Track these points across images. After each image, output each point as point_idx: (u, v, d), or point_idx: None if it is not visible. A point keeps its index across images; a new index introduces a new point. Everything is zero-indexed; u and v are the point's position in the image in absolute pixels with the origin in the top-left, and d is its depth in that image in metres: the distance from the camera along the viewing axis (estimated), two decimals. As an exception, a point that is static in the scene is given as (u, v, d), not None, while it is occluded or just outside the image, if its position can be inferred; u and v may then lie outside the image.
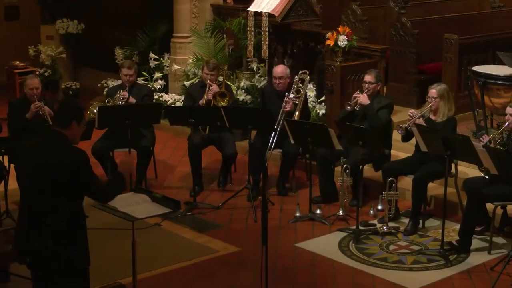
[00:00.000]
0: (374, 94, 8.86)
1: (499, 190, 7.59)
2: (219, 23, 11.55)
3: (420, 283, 7.12)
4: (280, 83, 9.23)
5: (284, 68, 9.38)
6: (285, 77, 9.25)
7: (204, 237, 8.12)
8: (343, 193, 8.59)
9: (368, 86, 8.83)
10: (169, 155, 10.65)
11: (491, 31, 11.47)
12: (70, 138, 5.27)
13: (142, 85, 10.27)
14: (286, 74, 9.27)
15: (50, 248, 5.13)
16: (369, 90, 8.82)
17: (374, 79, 8.83)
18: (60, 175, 5.12)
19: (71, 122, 5.27)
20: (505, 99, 9.29)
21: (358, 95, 8.85)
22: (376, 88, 8.87)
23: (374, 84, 8.83)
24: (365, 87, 8.86)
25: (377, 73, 8.96)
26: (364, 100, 8.78)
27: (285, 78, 9.24)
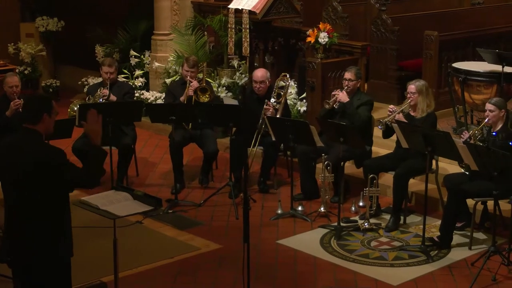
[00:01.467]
0: (354, 91, 8.88)
1: (479, 186, 7.63)
2: (199, 20, 11.53)
3: (402, 279, 7.15)
4: (261, 87, 9.22)
5: (264, 72, 9.35)
6: (266, 81, 9.24)
7: (185, 235, 8.12)
8: (324, 190, 8.61)
9: (348, 83, 8.85)
10: (150, 153, 10.63)
11: (471, 28, 11.52)
12: (43, 132, 5.20)
13: (123, 83, 10.23)
14: (266, 78, 9.25)
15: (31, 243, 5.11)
16: (349, 87, 8.84)
17: (354, 76, 8.85)
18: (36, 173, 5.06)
19: (42, 115, 5.18)
20: (485, 95, 9.34)
21: (337, 93, 8.86)
22: (356, 85, 8.89)
23: (354, 81, 8.85)
24: (345, 84, 8.88)
25: (357, 70, 8.98)
26: (343, 97, 8.80)
27: (265, 82, 9.23)
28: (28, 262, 5.18)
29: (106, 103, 9.09)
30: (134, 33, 12.62)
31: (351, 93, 8.85)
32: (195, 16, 11.75)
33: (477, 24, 11.86)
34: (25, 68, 13.22)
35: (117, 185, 6.81)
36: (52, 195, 5.14)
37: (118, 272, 6.07)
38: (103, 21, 13.13)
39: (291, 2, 10.85)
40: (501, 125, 7.74)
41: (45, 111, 5.21)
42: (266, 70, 9.53)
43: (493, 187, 7.20)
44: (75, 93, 12.72)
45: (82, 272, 6.05)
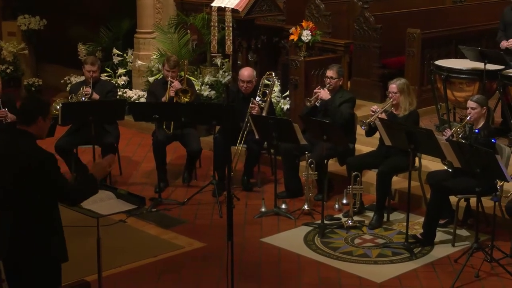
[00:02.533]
0: (337, 89, 8.90)
1: (462, 183, 7.66)
2: (182, 19, 11.50)
3: (385, 276, 7.17)
4: (248, 87, 9.21)
5: (251, 71, 9.34)
6: (253, 80, 9.23)
7: (169, 233, 8.10)
8: (308, 187, 8.62)
9: (330, 81, 8.87)
10: (133, 151, 10.61)
11: (453, 26, 11.57)
12: (36, 134, 5.19)
13: (105, 81, 10.21)
14: (253, 78, 9.25)
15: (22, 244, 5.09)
16: (331, 85, 8.86)
17: (336, 74, 8.87)
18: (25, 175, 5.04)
19: (37, 117, 5.17)
20: (467, 92, 9.38)
21: (319, 90, 8.88)
22: (338, 83, 8.90)
23: (336, 79, 8.87)
24: (327, 82, 8.90)
25: (339, 68, 8.99)
26: (324, 95, 8.82)
27: (252, 82, 9.23)
28: (19, 262, 5.16)
29: (89, 102, 9.06)
30: (117, 32, 12.58)
31: (333, 91, 8.87)
32: (178, 14, 11.72)
33: (459, 22, 11.91)
34: (7, 67, 13.16)
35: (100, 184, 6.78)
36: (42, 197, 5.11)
37: (102, 271, 6.06)
38: (86, 19, 13.08)
39: (274, 0, 10.85)
40: (483, 122, 7.78)
41: (40, 114, 5.19)
42: (252, 69, 9.52)
43: (475, 184, 7.24)
44: (58, 92, 12.66)
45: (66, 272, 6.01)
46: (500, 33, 9.94)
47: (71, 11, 13.45)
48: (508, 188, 7.48)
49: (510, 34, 9.77)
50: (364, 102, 10.75)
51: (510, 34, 9.77)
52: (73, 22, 13.31)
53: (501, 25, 10.01)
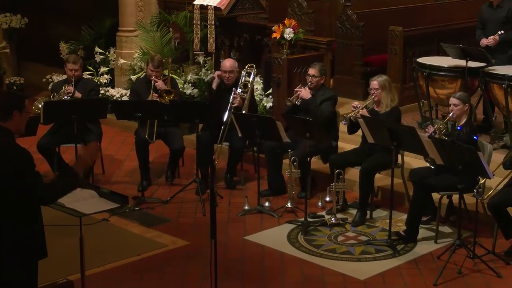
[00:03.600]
0: (318, 87, 8.91)
1: (444, 180, 7.69)
2: (165, 17, 11.49)
3: (369, 273, 7.19)
4: (230, 76, 9.23)
5: (232, 62, 9.39)
6: (234, 71, 9.26)
7: (152, 232, 8.09)
8: (291, 185, 8.63)
9: (312, 79, 8.88)
10: (116, 150, 10.58)
11: (435, 23, 11.61)
12: (13, 130, 5.11)
13: (87, 80, 10.17)
14: (235, 68, 9.28)
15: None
16: (313, 84, 8.87)
17: (318, 73, 8.88)
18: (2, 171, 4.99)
19: (13, 112, 5.03)
20: (449, 90, 9.41)
21: (299, 89, 8.89)
22: (320, 81, 8.92)
23: (317, 78, 8.88)
24: (309, 80, 8.92)
25: (321, 67, 9.00)
26: (305, 94, 8.83)
27: (234, 72, 9.25)
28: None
29: (71, 100, 9.03)
30: (99, 30, 12.55)
31: (314, 89, 8.88)
32: (160, 13, 11.70)
33: (441, 19, 11.95)
34: (-11, 66, 13.10)
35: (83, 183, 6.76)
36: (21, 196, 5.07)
37: (85, 270, 6.05)
38: (67, 18, 13.03)
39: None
40: (466, 119, 7.80)
41: (15, 108, 5.05)
42: (233, 60, 9.58)
43: (458, 181, 7.27)
44: (40, 91, 12.61)
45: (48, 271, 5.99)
46: (479, 31, 9.97)
47: (53, 10, 13.40)
48: (490, 185, 7.50)
49: (489, 31, 9.80)
50: (347, 99, 10.76)
51: (489, 31, 9.80)
52: (54, 20, 13.26)
53: (478, 23, 10.04)
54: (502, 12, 9.78)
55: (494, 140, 9.26)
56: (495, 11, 9.82)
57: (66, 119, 8.73)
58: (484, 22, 9.94)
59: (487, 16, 9.90)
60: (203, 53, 11.01)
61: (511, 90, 8.90)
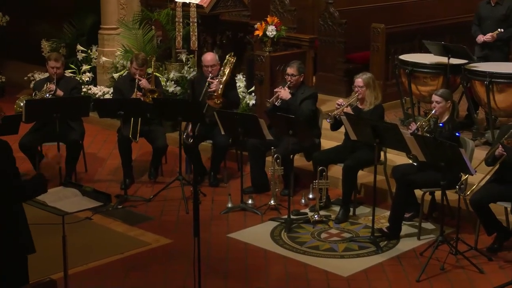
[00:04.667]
0: (298, 86, 8.92)
1: (427, 177, 7.71)
2: (147, 14, 11.46)
3: (352, 270, 7.20)
4: (212, 70, 9.25)
5: (213, 55, 9.44)
6: (216, 64, 9.27)
7: (136, 230, 8.08)
8: (274, 183, 8.63)
9: (291, 78, 8.89)
10: (98, 148, 10.55)
11: (417, 20, 11.64)
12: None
13: (69, 78, 10.13)
14: (216, 61, 9.31)
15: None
16: (292, 83, 8.89)
17: (297, 71, 8.89)
18: None
19: None
20: (432, 87, 9.44)
21: (279, 90, 8.89)
22: (299, 80, 8.93)
23: (296, 76, 8.89)
24: (288, 79, 8.92)
25: (299, 65, 9.00)
26: (284, 95, 8.83)
27: (216, 65, 9.26)
28: None
29: (53, 99, 8.99)
30: (81, 28, 12.50)
31: (294, 87, 8.90)
32: (142, 10, 11.67)
33: (423, 16, 11.99)
34: (-31, 64, 13.03)
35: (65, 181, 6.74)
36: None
37: (68, 269, 6.02)
38: (49, 15, 12.98)
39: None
40: (448, 116, 7.83)
41: None
42: (214, 53, 9.63)
43: (440, 177, 7.29)
44: (21, 89, 12.55)
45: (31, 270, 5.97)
46: (475, 27, 9.96)
47: (34, 7, 13.34)
48: (472, 181, 7.54)
49: (486, 28, 9.79)
50: (330, 97, 10.79)
51: (486, 28, 9.79)
52: (36, 18, 13.20)
53: (475, 20, 10.03)
54: (501, 10, 9.77)
55: (476, 137, 9.30)
56: (494, 8, 9.81)
57: (48, 118, 8.70)
58: (482, 19, 9.90)
59: (485, 13, 9.88)
60: (185, 51, 11.00)
61: (492, 87, 8.94)
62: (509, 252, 7.41)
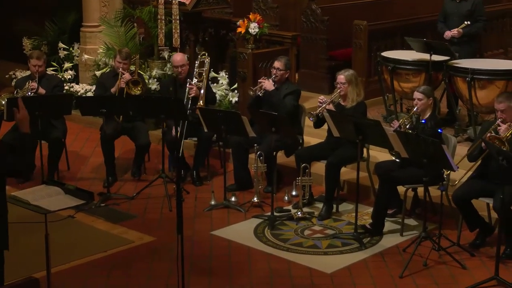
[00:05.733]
0: (283, 81, 8.93)
1: (409, 173, 7.74)
2: (129, 12, 11.43)
3: (335, 267, 7.22)
4: (182, 70, 9.25)
5: (182, 55, 9.48)
6: (186, 64, 9.28)
7: (119, 228, 8.06)
8: (257, 180, 8.63)
9: (276, 72, 8.90)
10: (81, 146, 10.52)
11: (399, 17, 11.66)
12: None
13: (51, 76, 10.10)
14: (186, 61, 9.33)
15: None
16: (277, 77, 8.89)
17: (283, 66, 8.90)
18: None
19: None
20: (414, 83, 9.47)
21: (263, 81, 8.90)
22: (284, 75, 8.94)
23: (282, 71, 8.90)
24: (273, 72, 8.94)
25: (286, 61, 9.01)
26: (268, 85, 8.84)
27: (185, 65, 9.26)
28: None
29: (35, 97, 8.96)
30: (63, 25, 12.45)
31: (279, 82, 8.91)
32: (124, 8, 11.64)
33: (405, 13, 12.01)
34: (-50, 62, 12.95)
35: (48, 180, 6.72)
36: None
37: (51, 268, 6.00)
38: (30, 13, 12.92)
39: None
40: (430, 113, 7.86)
41: None
42: (183, 53, 9.63)
43: (423, 174, 7.32)
44: (3, 87, 12.49)
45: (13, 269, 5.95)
46: (441, 25, 10.04)
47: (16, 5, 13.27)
48: (454, 177, 7.58)
49: (451, 24, 9.87)
50: (312, 94, 10.80)
51: (451, 24, 9.87)
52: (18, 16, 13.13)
53: (440, 17, 10.11)
54: (466, 6, 9.85)
55: (458, 133, 9.34)
56: (459, 5, 9.89)
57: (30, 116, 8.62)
58: (447, 16, 10.01)
59: (450, 10, 9.97)
60: (168, 48, 10.98)
61: (474, 83, 8.99)
62: (491, 248, 7.44)
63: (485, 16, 10.02)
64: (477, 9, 9.88)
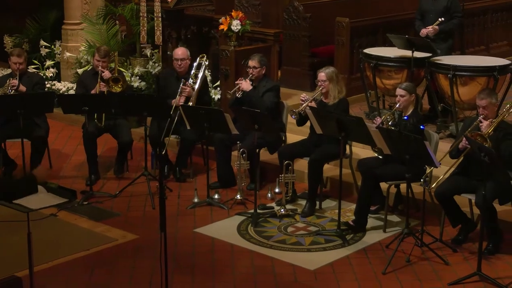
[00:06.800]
0: (260, 78, 8.94)
1: (392, 170, 7.76)
2: (111, 9, 11.39)
3: (318, 264, 7.23)
4: (182, 64, 9.24)
5: (184, 49, 9.44)
6: (186, 58, 9.28)
7: (102, 226, 8.04)
8: (240, 177, 8.63)
9: (253, 71, 8.91)
10: (63, 144, 10.48)
11: (381, 14, 11.69)
12: None
13: (33, 74, 10.06)
14: (187, 56, 9.32)
15: None
16: (254, 75, 8.90)
17: (258, 64, 8.91)
18: None
19: None
20: (396, 80, 9.50)
21: (240, 82, 8.90)
22: (261, 72, 8.94)
23: (258, 69, 8.91)
24: (250, 72, 8.94)
25: (260, 57, 9.02)
26: (246, 86, 8.84)
27: (186, 60, 9.25)
28: None
29: (16, 95, 8.91)
30: (44, 23, 12.40)
31: (256, 80, 8.91)
32: (106, 5, 11.60)
33: (387, 10, 12.05)
34: None
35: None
36: None
37: (33, 267, 5.98)
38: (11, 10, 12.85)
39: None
40: (412, 109, 7.89)
41: None
42: (185, 48, 9.58)
43: (405, 170, 7.34)
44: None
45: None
46: (418, 22, 10.09)
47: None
48: (437, 173, 7.60)
49: (428, 22, 9.91)
50: (295, 91, 10.81)
51: (428, 22, 9.91)
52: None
53: (417, 15, 10.17)
54: (442, 3, 9.90)
55: (440, 130, 9.38)
56: (435, 2, 9.93)
57: (11, 114, 8.61)
58: (424, 13, 10.06)
59: (426, 7, 10.03)
60: (150, 45, 10.95)
61: (456, 80, 9.02)
62: (474, 244, 7.48)
63: (461, 12, 10.09)
64: (453, 5, 9.95)
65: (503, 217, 7.60)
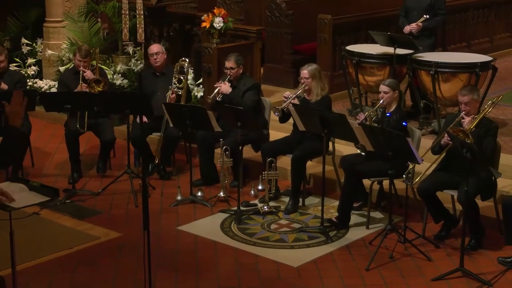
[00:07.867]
0: (238, 77, 8.94)
1: (375, 166, 7.78)
2: (93, 7, 11.36)
3: (302, 260, 7.24)
4: (158, 57, 9.25)
5: (158, 44, 9.56)
6: (161, 52, 9.31)
7: (84, 224, 8.01)
8: (223, 174, 8.63)
9: (230, 71, 8.92)
10: (45, 143, 10.44)
11: (363, 11, 11.72)
12: None
13: (14, 72, 10.00)
14: (161, 50, 9.37)
15: None
16: (232, 76, 8.91)
17: (235, 64, 8.92)
18: None
19: None
20: (378, 77, 9.53)
21: (219, 85, 8.90)
22: (238, 71, 8.95)
23: (235, 69, 8.92)
24: (228, 73, 8.93)
25: (236, 57, 9.01)
26: (225, 89, 8.85)
27: (161, 53, 9.28)
28: None
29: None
30: (25, 21, 12.35)
31: (235, 80, 8.91)
32: (88, 3, 11.57)
33: (369, 7, 12.07)
34: None
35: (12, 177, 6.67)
36: None
37: (16, 265, 5.95)
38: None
39: (185, -13, 10.83)
40: (395, 106, 7.91)
41: None
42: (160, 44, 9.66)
43: (388, 167, 7.36)
44: (-35, 84, 12.36)
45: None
46: (402, 19, 10.12)
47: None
48: (419, 170, 7.63)
49: (412, 19, 9.95)
50: (277, 88, 10.82)
51: (412, 19, 9.95)
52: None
53: (402, 11, 10.21)
54: (426, 0, 9.93)
55: (422, 126, 9.41)
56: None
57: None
58: (408, 10, 10.09)
59: (410, 4, 10.06)
60: (132, 43, 10.94)
61: (438, 76, 9.06)
62: (456, 240, 7.51)
63: (445, 9, 10.12)
64: (437, 3, 9.99)
65: (485, 213, 7.63)
